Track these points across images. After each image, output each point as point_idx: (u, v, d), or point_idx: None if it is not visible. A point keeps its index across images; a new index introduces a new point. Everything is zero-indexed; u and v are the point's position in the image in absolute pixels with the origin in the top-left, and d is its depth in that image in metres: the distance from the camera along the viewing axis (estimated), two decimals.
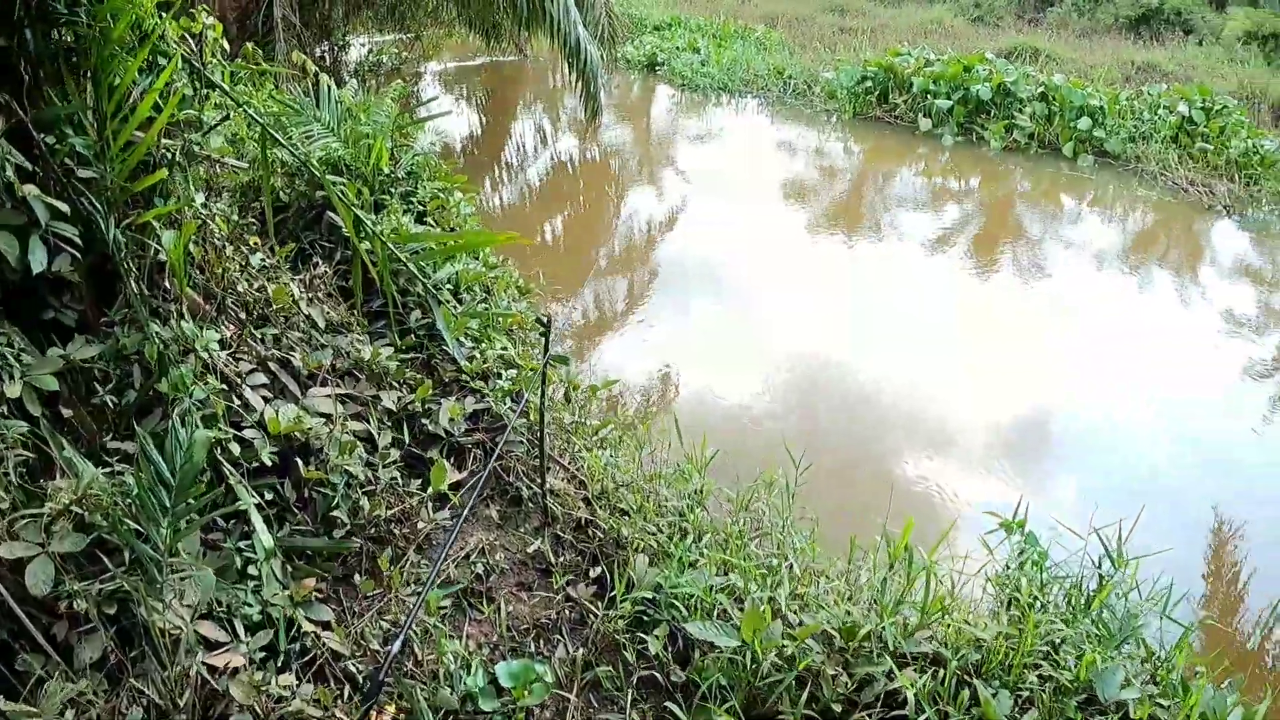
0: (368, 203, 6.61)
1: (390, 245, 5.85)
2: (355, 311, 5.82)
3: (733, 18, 24.40)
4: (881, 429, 7.62)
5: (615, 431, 6.02)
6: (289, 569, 4.14)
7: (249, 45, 5.86)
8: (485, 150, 16.57)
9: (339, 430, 4.64)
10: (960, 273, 11.27)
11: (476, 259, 7.13)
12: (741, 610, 4.04)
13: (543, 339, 4.29)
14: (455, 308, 6.16)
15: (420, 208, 7.35)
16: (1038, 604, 4.33)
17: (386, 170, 7.23)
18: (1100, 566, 4.60)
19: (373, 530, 4.49)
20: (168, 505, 3.37)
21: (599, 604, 4.39)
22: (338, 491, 4.38)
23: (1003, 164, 15.62)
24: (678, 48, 21.37)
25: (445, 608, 4.30)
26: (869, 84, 17.45)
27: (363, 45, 16.19)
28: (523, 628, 4.32)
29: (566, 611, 4.40)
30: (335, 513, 4.35)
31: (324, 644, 3.84)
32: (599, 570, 4.67)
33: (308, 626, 3.91)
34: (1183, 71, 20.21)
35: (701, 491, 5.20)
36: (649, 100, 19.94)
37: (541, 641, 4.29)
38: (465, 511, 4.01)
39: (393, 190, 7.28)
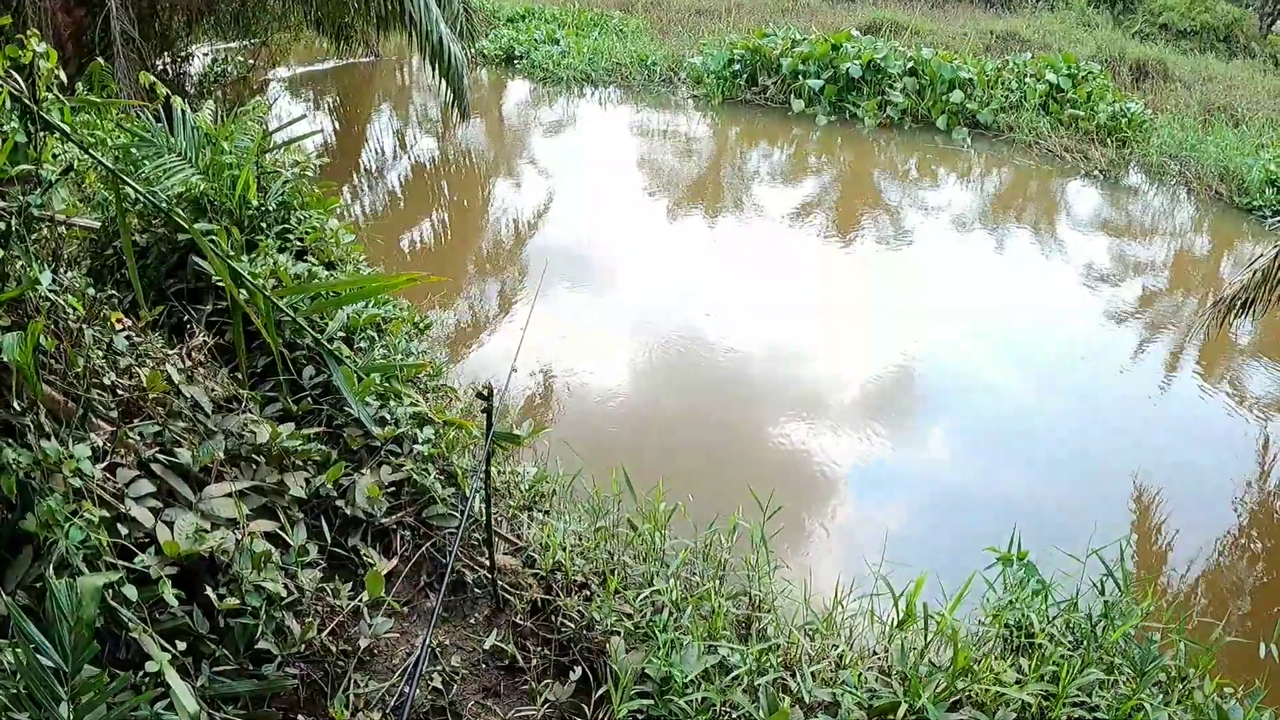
0: (239, 244, 5.82)
1: (275, 301, 5.14)
2: (240, 377, 5.07)
3: (588, 6, 23.79)
4: (756, 400, 7.53)
5: (550, 485, 5.46)
6: None
7: (98, 62, 5.02)
8: (343, 157, 15.59)
9: (247, 539, 3.94)
10: (832, 245, 11.16)
11: (368, 302, 6.42)
12: (754, 701, 3.55)
13: (485, 411, 3.68)
14: (353, 362, 5.48)
15: (298, 243, 6.57)
16: (1050, 641, 4.00)
17: (255, 203, 6.43)
18: (1104, 591, 4.31)
19: (305, 654, 3.82)
20: (62, 683, 2.67)
21: (587, 707, 3.84)
22: (259, 617, 3.70)
23: (876, 140, 15.57)
24: (536, 40, 20.66)
25: None
26: (736, 67, 17.18)
27: (205, 55, 14.96)
28: None
29: None
30: (261, 643, 3.67)
31: None
32: (569, 660, 4.11)
33: None
34: (1041, 39, 20.71)
35: (662, 551, 4.69)
36: (508, 95, 19.19)
37: None
38: (427, 637, 3.40)
39: (264, 226, 6.48)
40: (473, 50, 16.81)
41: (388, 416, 5.18)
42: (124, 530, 3.57)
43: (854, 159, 15.12)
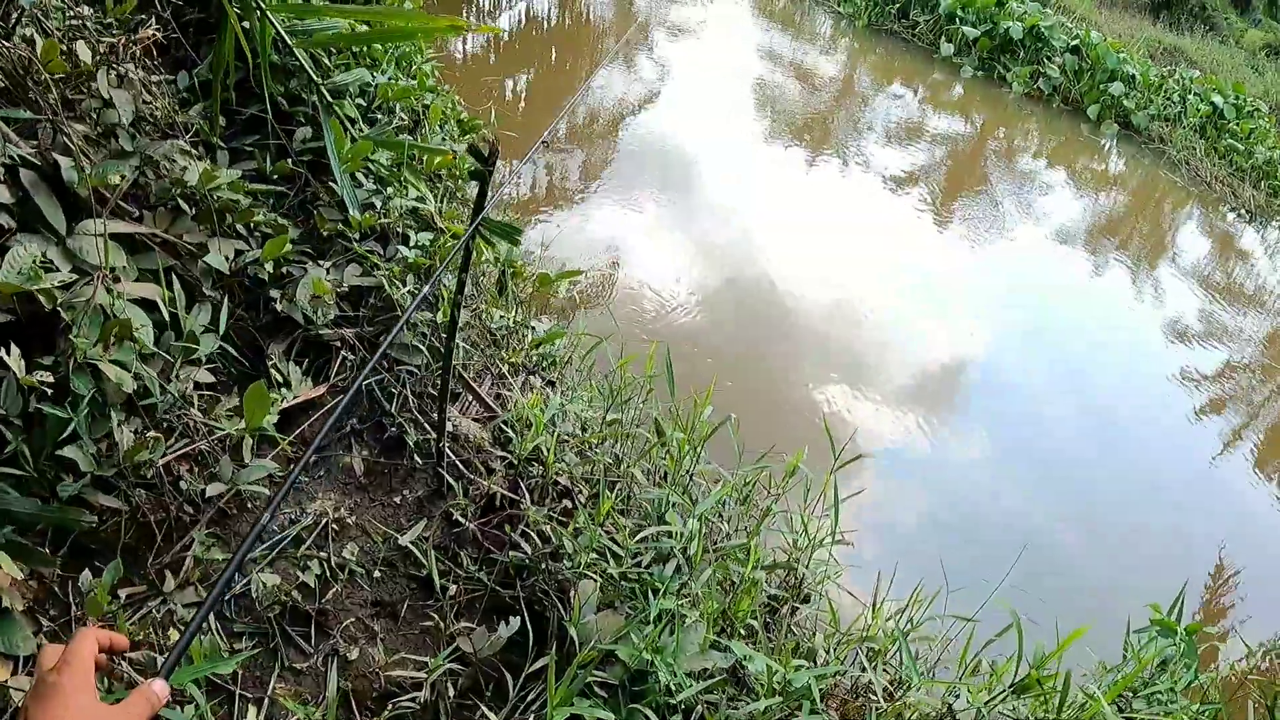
0: None
1: (274, 20, 3.68)
2: (212, 117, 3.65)
3: None
4: (804, 353, 6.19)
5: (566, 351, 4.04)
6: None
7: None
8: None
9: (103, 294, 2.56)
10: (926, 218, 9.34)
11: (408, 73, 4.95)
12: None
13: (477, 184, 2.22)
14: (360, 130, 4.03)
15: None
16: None
17: None
18: None
19: (137, 484, 2.45)
20: None
21: (512, 679, 2.44)
22: (79, 409, 2.32)
23: (1019, 110, 13.66)
24: None
25: (241, 649, 2.33)
26: None
27: None
28: (366, 702, 2.37)
29: (448, 683, 2.44)
30: (67, 450, 2.30)
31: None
32: (510, 596, 2.71)
33: None
34: (1208, 64, 18.44)
35: (689, 475, 3.25)
36: None
37: None
38: (304, 459, 2.01)
39: None
40: None
41: (378, 205, 3.75)
42: None
43: (988, 124, 13.22)
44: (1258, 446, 6.73)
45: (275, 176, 3.68)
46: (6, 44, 2.83)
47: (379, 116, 4.47)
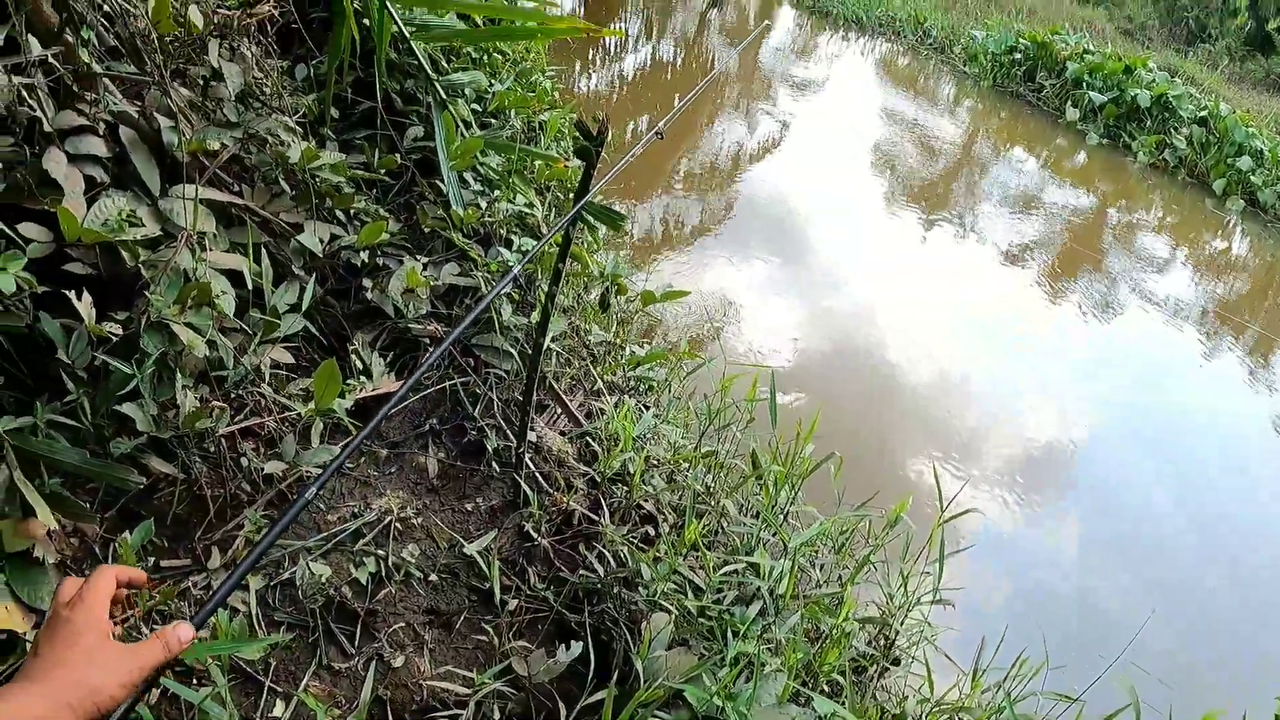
0: None
1: (392, 12, 3.56)
2: (325, 107, 3.54)
3: None
4: (905, 419, 5.82)
5: (667, 372, 3.78)
6: (17, 495, 1.95)
7: None
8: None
9: (189, 257, 2.41)
10: (1038, 290, 8.75)
11: (527, 86, 4.81)
12: None
13: (583, 166, 1.99)
14: (473, 133, 3.87)
15: None
16: None
17: None
18: None
19: (196, 454, 2.27)
20: None
21: (565, 709, 2.16)
22: (144, 367, 2.15)
23: (1143, 181, 12.99)
24: None
25: (275, 637, 2.11)
26: (1018, 55, 14.73)
27: None
28: (404, 714, 2.12)
29: (495, 706, 2.17)
30: (126, 407, 2.14)
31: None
32: (575, 622, 2.43)
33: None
34: None
35: (784, 512, 2.94)
36: (771, 17, 17.21)
37: None
38: (355, 441, 1.82)
39: None
40: None
41: (483, 206, 3.57)
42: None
43: (1110, 194, 12.57)
44: None
45: (382, 170, 3.54)
46: (122, 2, 2.74)
47: (493, 122, 4.33)
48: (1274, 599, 5.07)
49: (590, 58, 12.35)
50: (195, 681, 1.95)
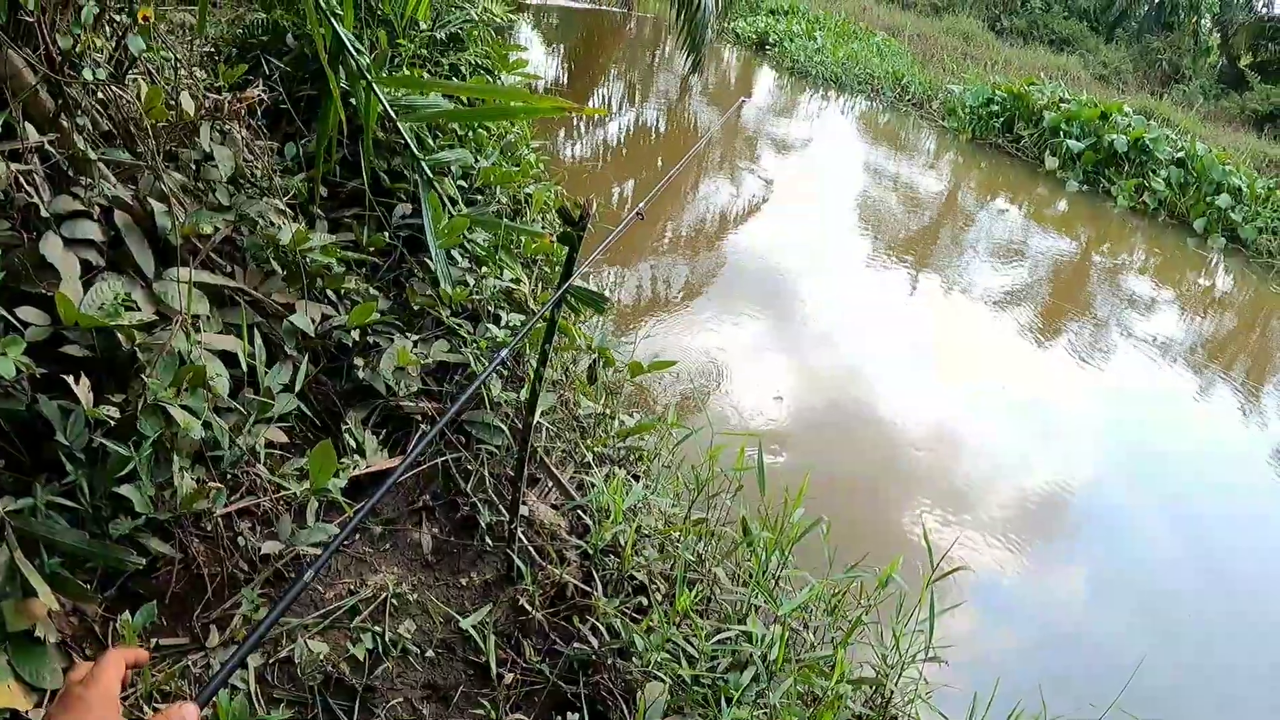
0: (382, 54, 4.36)
1: (378, 93, 3.67)
2: (314, 186, 3.64)
3: (854, 20, 21.90)
4: (896, 473, 5.83)
5: (657, 440, 3.82)
6: (18, 576, 1.99)
7: None
8: (569, 97, 14.24)
9: (184, 339, 2.47)
10: (1027, 339, 8.80)
11: (512, 160, 4.92)
12: None
13: (566, 250, 2.07)
14: (459, 210, 3.96)
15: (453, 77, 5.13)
16: None
17: (423, 24, 5.02)
18: None
19: (194, 534, 2.31)
20: None
21: None
22: (142, 449, 2.20)
23: (1124, 224, 13.16)
24: (794, 31, 18.92)
25: (274, 716, 2.12)
26: (995, 108, 15.02)
27: None
28: None
29: None
30: (124, 489, 2.18)
31: None
32: (571, 693, 2.45)
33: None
34: None
35: (775, 577, 2.96)
36: (751, 80, 17.56)
37: None
38: (358, 515, 1.85)
39: (425, 53, 5.05)
40: (726, 24, 15.26)
41: (471, 284, 3.64)
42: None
43: (1092, 239, 12.71)
44: None
45: (370, 249, 3.62)
46: (116, 89, 2.84)
47: (479, 198, 4.43)
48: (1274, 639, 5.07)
49: (575, 125, 12.53)
50: None
